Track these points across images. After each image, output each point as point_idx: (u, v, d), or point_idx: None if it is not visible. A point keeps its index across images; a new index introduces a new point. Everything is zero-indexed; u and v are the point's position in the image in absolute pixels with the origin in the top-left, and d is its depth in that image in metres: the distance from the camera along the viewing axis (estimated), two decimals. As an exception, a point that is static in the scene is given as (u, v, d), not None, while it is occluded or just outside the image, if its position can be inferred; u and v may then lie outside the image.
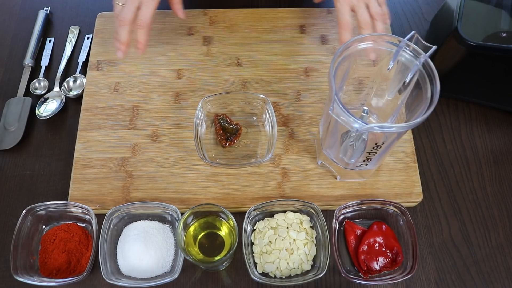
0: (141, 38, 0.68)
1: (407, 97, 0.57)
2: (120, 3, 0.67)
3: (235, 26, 0.82)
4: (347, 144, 0.60)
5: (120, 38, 0.67)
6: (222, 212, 0.60)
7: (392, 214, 0.65)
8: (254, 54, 0.79)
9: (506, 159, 0.73)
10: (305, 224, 0.64)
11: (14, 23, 0.87)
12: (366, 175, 0.68)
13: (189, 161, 0.69)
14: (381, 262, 0.62)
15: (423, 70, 0.52)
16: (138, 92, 0.75)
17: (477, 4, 0.69)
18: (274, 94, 0.75)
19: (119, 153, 0.70)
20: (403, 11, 0.88)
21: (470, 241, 0.66)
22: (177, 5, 0.72)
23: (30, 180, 0.71)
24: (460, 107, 0.77)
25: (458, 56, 0.67)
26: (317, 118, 0.73)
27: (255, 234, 0.64)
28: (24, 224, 0.62)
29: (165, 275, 0.62)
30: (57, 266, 0.62)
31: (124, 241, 0.63)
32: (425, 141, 0.74)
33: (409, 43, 0.52)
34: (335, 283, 0.63)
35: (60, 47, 0.83)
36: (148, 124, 0.73)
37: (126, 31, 0.66)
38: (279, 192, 0.67)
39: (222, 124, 0.71)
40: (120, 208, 0.63)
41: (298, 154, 0.70)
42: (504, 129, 0.75)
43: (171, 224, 0.65)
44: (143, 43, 0.68)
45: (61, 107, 0.76)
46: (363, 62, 0.63)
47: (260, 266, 0.62)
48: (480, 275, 0.64)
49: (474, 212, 0.68)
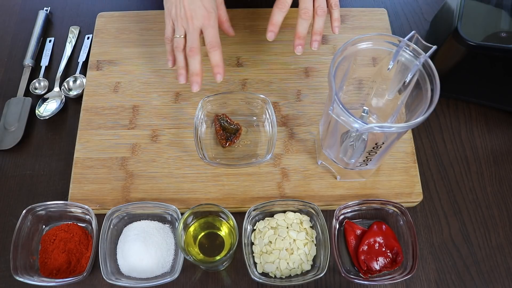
0: (217, 60, 0.64)
1: (407, 97, 0.57)
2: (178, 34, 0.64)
3: (235, 26, 0.82)
4: (347, 144, 0.60)
5: (195, 69, 0.63)
6: (222, 212, 0.60)
7: (392, 214, 0.65)
8: (254, 54, 0.79)
9: (506, 159, 0.73)
10: (305, 224, 0.64)
11: (14, 23, 0.87)
12: (366, 175, 0.68)
13: (189, 161, 0.69)
14: (381, 262, 0.62)
15: (423, 70, 0.52)
16: (138, 92, 0.75)
17: (477, 4, 0.69)
18: (274, 94, 0.75)
19: (119, 153, 0.70)
20: (403, 11, 0.88)
21: (470, 241, 0.66)
22: (226, 24, 0.70)
23: (30, 180, 0.71)
24: (460, 107, 0.77)
25: (458, 56, 0.67)
26: (317, 118, 0.73)
27: (255, 234, 0.64)
28: (24, 224, 0.62)
29: (165, 275, 0.62)
30: (57, 266, 0.62)
31: (124, 241, 0.63)
32: (425, 141, 0.74)
33: (409, 43, 0.52)
34: (335, 283, 0.63)
35: (60, 47, 0.84)
36: (148, 124, 0.73)
37: (197, 60, 0.63)
38: (279, 192, 0.67)
39: (222, 124, 0.71)
40: (120, 208, 0.63)
41: (298, 154, 0.70)
42: (504, 129, 0.75)
43: (171, 224, 0.65)
44: (221, 65, 0.64)
45: (61, 107, 0.76)
46: (363, 62, 0.63)
47: (260, 266, 0.62)
48: (480, 275, 0.64)
49: (474, 212, 0.68)
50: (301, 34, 0.64)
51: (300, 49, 0.64)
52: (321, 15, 0.63)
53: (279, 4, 0.63)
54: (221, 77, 0.64)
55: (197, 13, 0.62)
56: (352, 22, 0.83)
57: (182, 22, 0.63)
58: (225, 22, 0.69)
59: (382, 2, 0.89)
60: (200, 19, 0.62)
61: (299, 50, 0.64)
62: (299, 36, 0.64)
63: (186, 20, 0.63)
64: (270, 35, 0.64)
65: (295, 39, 0.64)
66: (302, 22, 0.63)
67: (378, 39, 0.54)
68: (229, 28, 0.70)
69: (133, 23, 0.82)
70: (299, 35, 0.64)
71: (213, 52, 0.63)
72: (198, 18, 0.62)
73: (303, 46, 0.64)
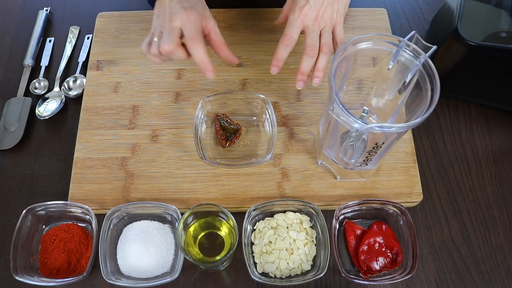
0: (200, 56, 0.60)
1: (407, 97, 0.57)
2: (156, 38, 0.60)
3: (235, 26, 0.82)
4: (347, 144, 0.60)
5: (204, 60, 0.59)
6: (222, 212, 0.60)
7: (392, 214, 0.65)
8: (254, 54, 0.79)
9: (506, 159, 0.73)
10: (305, 224, 0.64)
11: (14, 23, 0.87)
12: (366, 175, 0.68)
13: (189, 161, 0.69)
14: (381, 262, 0.62)
15: (423, 70, 0.52)
16: (138, 92, 0.75)
17: (477, 4, 0.69)
18: (274, 94, 0.75)
19: (119, 153, 0.70)
20: (403, 11, 0.88)
21: (470, 241, 0.66)
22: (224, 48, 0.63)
23: (30, 180, 0.71)
24: (460, 107, 0.77)
25: (458, 56, 0.67)
26: (317, 118, 0.73)
27: (255, 234, 0.64)
28: (24, 224, 0.62)
29: (165, 275, 0.62)
30: (57, 266, 0.62)
31: (124, 241, 0.63)
32: (425, 141, 0.74)
33: (409, 43, 0.52)
34: (335, 283, 0.63)
35: (60, 47, 0.84)
36: (148, 124, 0.73)
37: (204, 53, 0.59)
38: (279, 192, 0.67)
39: (222, 124, 0.71)
40: (120, 208, 0.63)
41: (298, 154, 0.70)
42: (504, 129, 0.75)
43: (171, 224, 0.65)
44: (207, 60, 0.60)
45: (61, 107, 0.76)
46: (363, 62, 0.63)
47: (260, 266, 0.62)
48: (480, 275, 0.64)
49: (474, 212, 0.68)
50: (305, 71, 0.63)
51: (302, 84, 0.64)
52: (326, 52, 0.62)
53: (285, 40, 0.62)
54: (211, 73, 0.60)
55: (177, 16, 0.59)
56: (352, 22, 0.83)
57: (161, 28, 0.60)
58: (222, 45, 0.62)
59: (382, 2, 0.89)
60: (178, 20, 0.58)
61: (300, 85, 0.64)
62: (302, 72, 0.63)
63: (165, 23, 0.60)
64: (274, 69, 0.64)
65: (297, 74, 0.63)
66: (307, 59, 0.62)
67: (378, 39, 0.54)
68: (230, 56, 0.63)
69: (133, 23, 0.82)
70: (302, 72, 0.63)
71: (194, 47, 0.58)
72: (176, 20, 0.58)
73: (304, 82, 0.64)
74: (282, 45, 0.62)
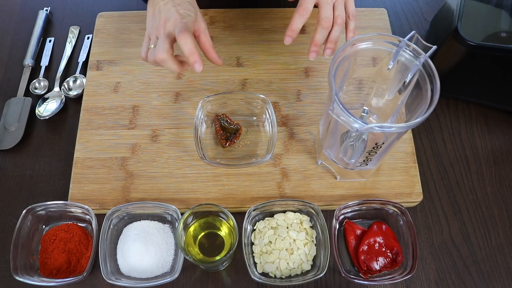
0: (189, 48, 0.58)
1: (407, 97, 0.57)
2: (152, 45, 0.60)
3: (235, 26, 0.82)
4: (347, 144, 0.60)
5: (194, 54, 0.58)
6: (222, 212, 0.60)
7: (392, 214, 0.65)
8: (254, 54, 0.79)
9: (506, 159, 0.73)
10: (305, 224, 0.64)
11: (14, 23, 0.87)
12: (366, 175, 0.68)
13: (189, 161, 0.69)
14: (381, 262, 0.62)
15: (423, 70, 0.52)
16: (138, 92, 0.75)
17: (477, 4, 0.69)
18: (274, 94, 0.75)
19: (119, 153, 0.70)
20: (403, 11, 0.88)
21: (470, 241, 0.66)
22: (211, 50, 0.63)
23: (30, 180, 0.71)
24: (460, 107, 0.77)
25: (458, 56, 0.67)
26: (317, 118, 0.73)
27: (255, 234, 0.64)
28: (24, 224, 0.62)
29: (165, 275, 0.62)
30: (57, 266, 0.62)
31: (124, 241, 0.63)
32: (425, 141, 0.74)
33: (409, 43, 0.52)
34: (335, 283, 0.63)
35: (60, 47, 0.84)
36: (148, 124, 0.73)
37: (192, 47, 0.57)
38: (279, 192, 0.67)
39: (222, 124, 0.71)
40: (120, 208, 0.63)
41: (298, 154, 0.70)
42: (504, 129, 0.75)
43: (171, 224, 0.65)
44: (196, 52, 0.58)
45: (61, 107, 0.76)
46: (363, 62, 0.63)
47: (260, 266, 0.62)
48: (480, 275, 0.64)
49: (474, 212, 0.68)
50: (319, 42, 0.63)
51: (314, 55, 0.64)
52: (340, 23, 0.63)
53: (301, 11, 0.62)
54: (199, 65, 0.57)
55: (171, 19, 0.59)
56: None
57: (156, 32, 0.60)
58: (210, 48, 0.62)
59: (382, 2, 0.89)
60: (172, 25, 0.59)
61: (313, 56, 0.64)
62: (316, 43, 0.63)
63: (160, 28, 0.59)
64: (288, 39, 0.64)
65: (311, 45, 0.64)
66: (322, 31, 0.63)
67: (378, 39, 0.54)
68: (216, 58, 0.63)
69: (133, 23, 0.82)
70: (316, 43, 0.63)
71: (183, 40, 0.56)
72: (171, 26, 0.59)
73: (317, 53, 0.64)
74: (297, 15, 0.63)
